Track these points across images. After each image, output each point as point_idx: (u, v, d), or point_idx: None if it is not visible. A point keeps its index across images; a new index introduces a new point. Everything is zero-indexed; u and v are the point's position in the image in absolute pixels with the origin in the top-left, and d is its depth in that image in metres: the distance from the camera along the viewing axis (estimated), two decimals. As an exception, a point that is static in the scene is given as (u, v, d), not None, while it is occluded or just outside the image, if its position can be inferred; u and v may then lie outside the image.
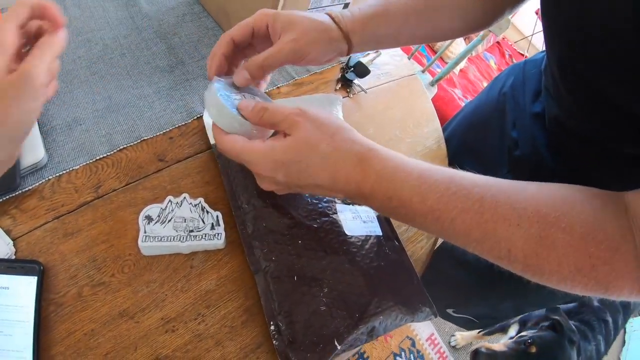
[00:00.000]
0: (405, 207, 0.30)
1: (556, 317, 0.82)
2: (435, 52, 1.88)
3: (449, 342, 1.42)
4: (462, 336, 1.41)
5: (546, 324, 0.84)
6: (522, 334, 0.85)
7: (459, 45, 1.83)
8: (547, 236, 0.27)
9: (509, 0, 0.44)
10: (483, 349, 0.66)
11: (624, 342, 1.69)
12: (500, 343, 0.87)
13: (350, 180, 0.31)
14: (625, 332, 1.73)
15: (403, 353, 1.12)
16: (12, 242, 0.39)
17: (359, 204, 0.35)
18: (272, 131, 0.37)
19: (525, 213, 0.28)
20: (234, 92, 0.36)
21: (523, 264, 0.28)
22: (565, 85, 0.40)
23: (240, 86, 0.37)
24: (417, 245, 0.52)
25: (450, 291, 0.44)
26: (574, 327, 0.81)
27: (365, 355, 1.09)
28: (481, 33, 0.96)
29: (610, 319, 0.90)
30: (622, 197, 0.29)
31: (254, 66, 0.36)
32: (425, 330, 1.18)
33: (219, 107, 0.33)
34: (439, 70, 1.67)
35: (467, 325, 0.69)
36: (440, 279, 0.43)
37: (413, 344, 1.15)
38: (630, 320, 1.70)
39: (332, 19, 0.38)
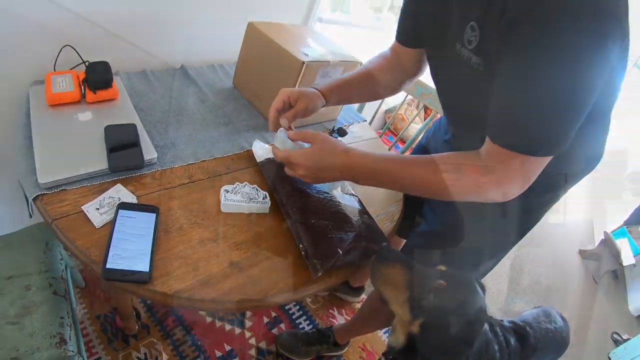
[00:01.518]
0: (369, 169, 0.62)
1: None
2: (396, 135, 2.40)
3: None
4: None
5: None
6: None
7: (415, 127, 2.37)
8: (441, 167, 0.58)
9: (405, 77, 0.83)
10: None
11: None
12: None
13: (343, 159, 0.63)
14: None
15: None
16: (135, 197, 0.66)
17: (350, 180, 0.66)
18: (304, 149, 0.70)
19: (431, 160, 0.60)
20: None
21: (440, 188, 0.57)
22: (452, 121, 0.78)
23: (284, 127, 0.71)
24: (383, 225, 0.81)
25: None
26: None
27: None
28: (431, 115, 1.39)
29: (500, 332, 0.77)
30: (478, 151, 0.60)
31: (288, 118, 0.72)
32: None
33: (283, 139, 0.68)
34: (398, 150, 2.14)
35: None
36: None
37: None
38: (614, 350, 1.74)
39: (319, 91, 0.76)
